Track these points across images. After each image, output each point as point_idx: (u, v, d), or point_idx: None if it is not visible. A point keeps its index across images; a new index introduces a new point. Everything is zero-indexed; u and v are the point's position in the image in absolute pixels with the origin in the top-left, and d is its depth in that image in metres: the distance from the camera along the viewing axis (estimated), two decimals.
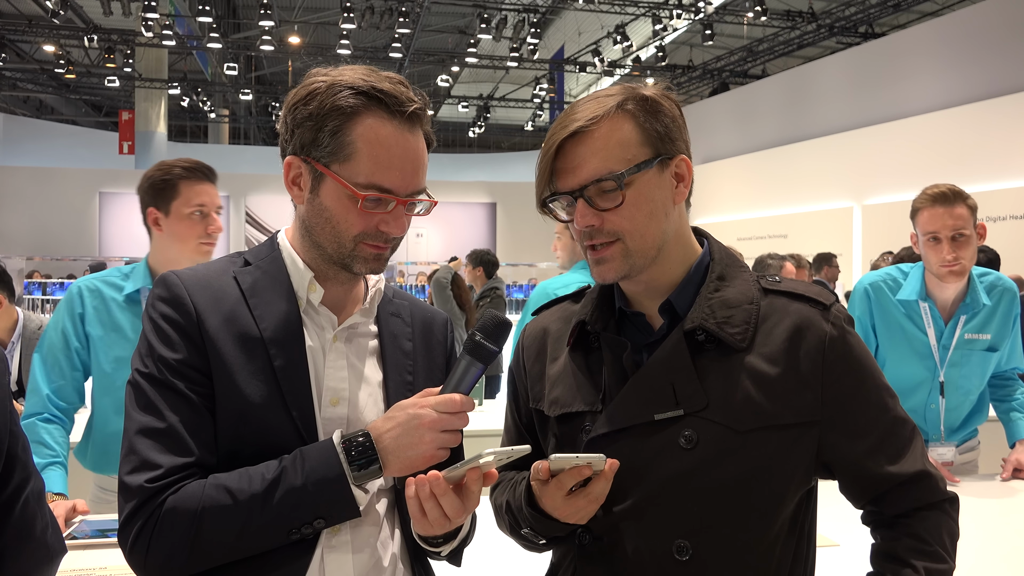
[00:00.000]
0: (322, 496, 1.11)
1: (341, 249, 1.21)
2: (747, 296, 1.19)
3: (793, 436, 1.14)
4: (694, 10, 15.62)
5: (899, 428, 1.20)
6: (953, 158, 11.14)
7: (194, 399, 1.14)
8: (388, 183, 1.17)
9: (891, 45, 13.67)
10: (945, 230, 2.46)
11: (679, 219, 1.22)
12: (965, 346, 2.61)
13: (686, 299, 1.20)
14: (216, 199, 2.33)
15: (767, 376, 1.14)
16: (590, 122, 1.15)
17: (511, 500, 1.26)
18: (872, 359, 1.21)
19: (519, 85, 23.87)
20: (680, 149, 1.19)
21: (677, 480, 1.13)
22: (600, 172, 1.14)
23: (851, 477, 1.21)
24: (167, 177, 2.26)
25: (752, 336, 1.16)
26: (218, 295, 1.20)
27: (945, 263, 2.47)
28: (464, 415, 1.15)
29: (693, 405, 1.13)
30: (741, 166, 16.36)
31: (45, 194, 19.95)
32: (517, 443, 1.35)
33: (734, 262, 1.25)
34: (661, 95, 1.19)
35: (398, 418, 1.14)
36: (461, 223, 22.35)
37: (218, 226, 2.32)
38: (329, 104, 1.17)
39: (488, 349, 1.16)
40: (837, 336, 1.16)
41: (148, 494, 1.09)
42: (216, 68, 21.00)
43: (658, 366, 1.16)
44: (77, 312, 2.25)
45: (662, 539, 1.13)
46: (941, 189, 2.50)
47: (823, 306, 1.18)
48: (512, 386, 1.40)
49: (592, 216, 1.16)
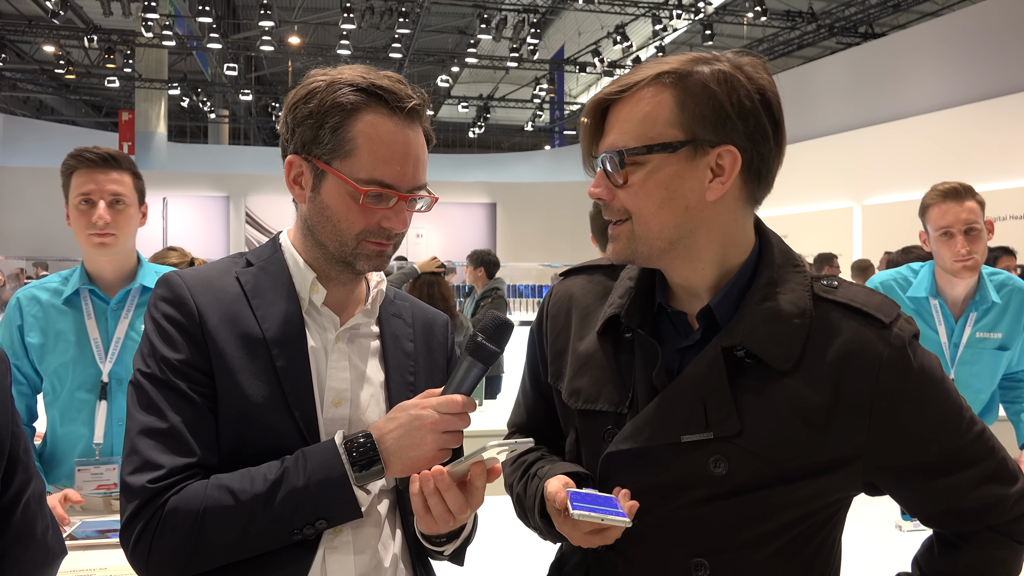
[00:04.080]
0: (324, 497, 1.11)
1: (343, 247, 1.21)
2: (798, 307, 1.05)
3: (832, 472, 1.04)
4: (694, 10, 15.61)
5: (968, 451, 1.07)
6: (953, 158, 11.14)
7: (196, 399, 1.14)
8: (389, 178, 1.18)
9: (891, 45, 13.67)
10: (958, 224, 2.46)
11: (718, 217, 1.06)
12: (976, 344, 2.60)
13: (728, 306, 1.08)
14: (107, 186, 2.13)
15: (811, 403, 1.02)
16: (622, 90, 1.06)
17: (523, 496, 1.21)
18: (940, 376, 1.06)
19: (519, 85, 23.87)
20: (730, 139, 1.02)
21: (702, 503, 1.05)
22: (615, 145, 1.05)
23: (904, 500, 1.12)
24: (63, 169, 2.17)
25: (800, 357, 1.03)
26: (220, 295, 1.20)
27: (959, 257, 2.46)
28: (466, 416, 1.15)
29: (725, 430, 1.03)
30: None
31: (45, 194, 19.89)
32: (533, 409, 1.32)
33: (788, 262, 1.11)
34: (722, 74, 1.02)
35: (400, 419, 1.14)
36: (461, 223, 22.33)
37: (100, 215, 2.11)
38: (329, 101, 1.17)
39: (489, 350, 1.16)
40: (896, 359, 1.03)
41: (150, 494, 1.09)
42: (216, 68, 21.01)
43: (690, 383, 1.06)
44: (16, 324, 2.18)
45: (679, 556, 1.08)
46: (951, 185, 2.50)
47: (881, 324, 1.04)
48: (532, 351, 1.31)
49: (604, 190, 1.08)
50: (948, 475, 1.06)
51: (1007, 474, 1.09)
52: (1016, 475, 1.10)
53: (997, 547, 1.10)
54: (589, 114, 1.10)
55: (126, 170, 2.19)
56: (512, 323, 1.19)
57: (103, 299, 2.23)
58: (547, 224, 21.32)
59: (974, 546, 1.10)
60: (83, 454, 2.20)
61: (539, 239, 21.63)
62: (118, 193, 2.16)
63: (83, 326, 2.20)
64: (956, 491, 1.07)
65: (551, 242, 21.07)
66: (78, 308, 2.21)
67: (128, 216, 2.19)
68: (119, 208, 2.16)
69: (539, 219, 21.60)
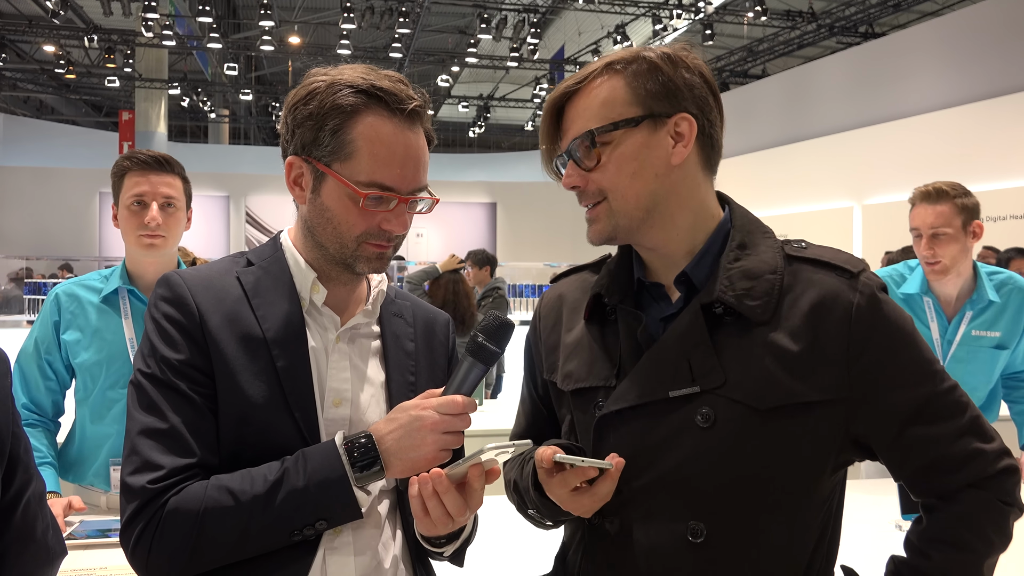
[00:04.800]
0: (324, 497, 1.11)
1: (343, 249, 1.21)
2: (770, 265, 1.12)
3: (817, 415, 1.07)
4: (694, 10, 15.61)
5: (941, 401, 1.10)
6: (953, 158, 11.13)
7: (196, 400, 1.14)
8: (390, 181, 1.17)
9: (891, 45, 13.66)
10: (924, 228, 2.53)
11: (684, 181, 1.15)
12: (972, 342, 2.62)
13: (703, 270, 1.15)
14: (160, 188, 2.18)
15: (789, 352, 1.07)
16: (577, 84, 1.16)
17: (518, 480, 1.24)
18: (910, 327, 1.12)
19: (519, 85, 23.85)
20: (683, 108, 1.13)
21: (693, 460, 1.08)
22: (580, 131, 1.14)
23: (888, 456, 1.13)
24: (115, 170, 2.21)
25: (775, 308, 1.09)
26: (221, 295, 1.20)
27: (925, 259, 2.54)
28: (466, 416, 1.15)
29: (710, 382, 1.08)
30: (741, 166, 16.34)
31: (45, 194, 19.94)
32: (532, 414, 1.35)
33: (757, 228, 1.18)
34: (663, 56, 1.14)
35: (400, 420, 1.14)
36: (461, 223, 22.33)
37: (153, 216, 2.15)
38: (329, 103, 1.17)
39: (490, 350, 1.16)
40: (865, 306, 1.09)
41: (150, 495, 1.09)
42: (216, 68, 20.99)
43: (673, 341, 1.12)
44: (53, 320, 2.22)
45: (675, 520, 1.09)
46: (932, 186, 2.55)
47: (850, 274, 1.11)
48: (528, 355, 1.36)
49: (577, 176, 1.16)
50: (928, 424, 1.09)
51: (985, 430, 1.12)
52: (993, 434, 1.13)
53: (984, 508, 1.09)
54: (548, 114, 1.19)
55: (177, 174, 2.24)
56: (512, 323, 1.19)
57: (141, 299, 2.25)
58: (547, 224, 21.30)
59: (961, 506, 1.10)
60: (111, 452, 2.21)
61: (539, 239, 21.61)
62: (170, 196, 2.20)
63: (119, 325, 2.21)
64: (937, 442, 1.09)
65: (551, 242, 21.05)
66: (116, 307, 2.23)
67: (177, 219, 2.23)
68: (170, 211, 2.20)
69: (539, 219, 21.58)
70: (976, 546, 1.09)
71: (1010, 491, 1.10)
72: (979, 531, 1.09)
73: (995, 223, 10.21)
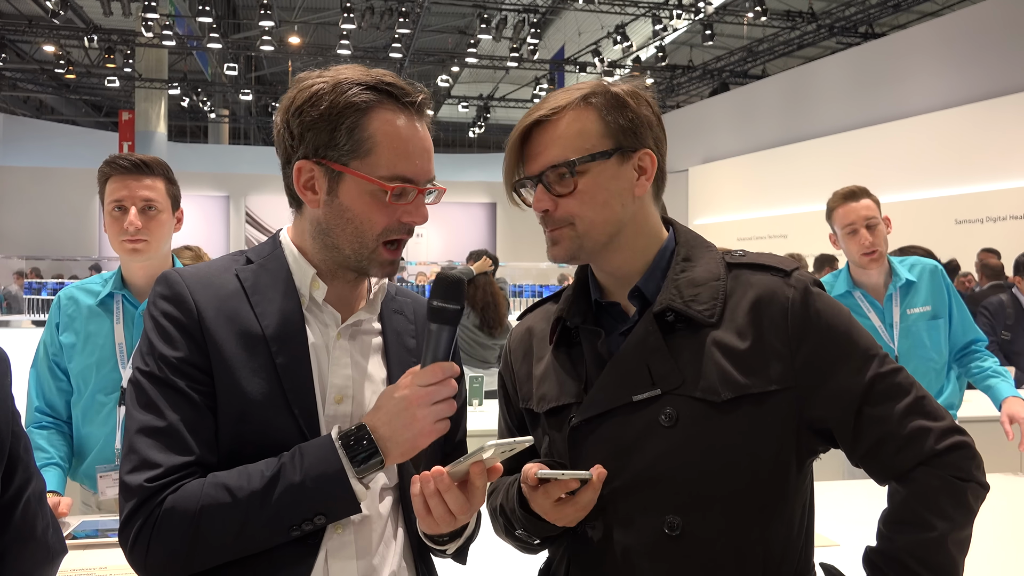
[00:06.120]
0: (322, 492, 1.10)
1: (362, 250, 1.20)
2: (713, 273, 1.21)
3: (771, 404, 1.14)
4: (694, 10, 15.61)
5: (885, 382, 1.16)
6: (953, 158, 11.14)
7: (195, 397, 1.14)
8: (410, 173, 1.19)
9: (891, 45, 13.67)
10: (859, 221, 2.85)
11: (642, 210, 1.24)
12: (911, 321, 2.92)
13: (654, 283, 1.23)
14: (138, 192, 2.15)
15: (737, 349, 1.15)
16: (553, 112, 1.21)
17: (504, 503, 1.27)
18: (846, 315, 1.20)
19: (519, 85, 23.87)
20: (645, 144, 1.22)
21: (663, 457, 1.14)
22: (558, 159, 1.19)
23: (842, 439, 1.18)
24: (99, 176, 2.21)
25: (721, 311, 1.18)
26: (220, 292, 1.20)
27: (865, 250, 2.83)
28: (450, 381, 1.14)
29: (670, 383, 1.16)
30: (741, 166, 16.35)
31: (45, 194, 19.94)
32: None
33: (699, 243, 1.27)
34: (630, 92, 1.22)
35: (386, 405, 1.14)
36: (461, 223, 22.35)
37: (131, 221, 2.12)
38: (342, 102, 1.16)
39: (449, 310, 1.16)
40: (799, 299, 1.17)
41: (148, 493, 1.09)
42: (216, 68, 21.00)
43: (632, 349, 1.19)
44: (55, 322, 2.23)
45: (652, 516, 1.15)
46: (849, 188, 2.92)
47: (784, 272, 1.20)
48: (503, 388, 1.42)
49: (548, 201, 1.21)
50: (874, 405, 1.15)
51: (931, 409, 1.16)
52: (941, 412, 1.17)
53: (938, 485, 1.12)
54: (517, 140, 1.23)
55: (159, 176, 2.20)
56: (460, 277, 1.19)
57: (133, 304, 2.25)
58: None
59: (915, 484, 1.14)
60: (100, 455, 2.22)
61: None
62: (150, 199, 2.17)
63: (111, 330, 2.22)
64: (883, 422, 1.15)
65: None
66: (110, 311, 2.23)
67: (160, 222, 2.19)
68: (151, 214, 2.17)
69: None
70: (935, 523, 1.11)
71: (961, 467, 1.14)
72: (936, 508, 1.12)
73: (995, 223, 10.22)
